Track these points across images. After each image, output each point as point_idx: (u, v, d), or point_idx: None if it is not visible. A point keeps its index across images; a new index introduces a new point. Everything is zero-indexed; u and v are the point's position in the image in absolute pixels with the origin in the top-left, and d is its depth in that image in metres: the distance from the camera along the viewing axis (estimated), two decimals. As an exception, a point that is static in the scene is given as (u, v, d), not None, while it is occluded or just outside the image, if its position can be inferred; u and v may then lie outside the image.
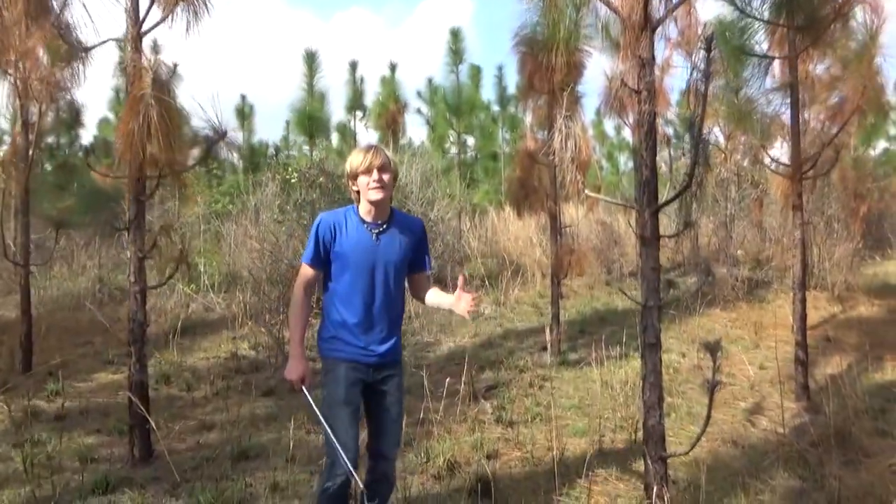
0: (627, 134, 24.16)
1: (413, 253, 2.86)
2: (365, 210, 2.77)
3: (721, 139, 10.18)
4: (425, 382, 4.68)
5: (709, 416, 2.81)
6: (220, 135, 4.27)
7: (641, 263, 3.02)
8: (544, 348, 6.83)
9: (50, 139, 13.71)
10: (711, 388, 2.73)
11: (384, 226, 2.79)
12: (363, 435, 2.89)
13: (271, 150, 19.26)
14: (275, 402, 5.22)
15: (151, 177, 3.85)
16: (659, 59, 10.70)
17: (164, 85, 3.64)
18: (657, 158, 3.01)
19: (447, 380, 5.67)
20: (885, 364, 6.10)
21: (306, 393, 2.77)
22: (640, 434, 4.42)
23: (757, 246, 12.82)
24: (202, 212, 9.03)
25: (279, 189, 9.04)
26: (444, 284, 8.58)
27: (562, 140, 3.12)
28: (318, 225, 2.77)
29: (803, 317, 5.06)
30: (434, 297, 2.94)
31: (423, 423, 4.55)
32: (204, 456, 4.06)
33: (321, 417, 2.72)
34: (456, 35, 12.39)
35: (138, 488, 3.58)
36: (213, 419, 4.73)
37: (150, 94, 3.51)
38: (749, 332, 7.51)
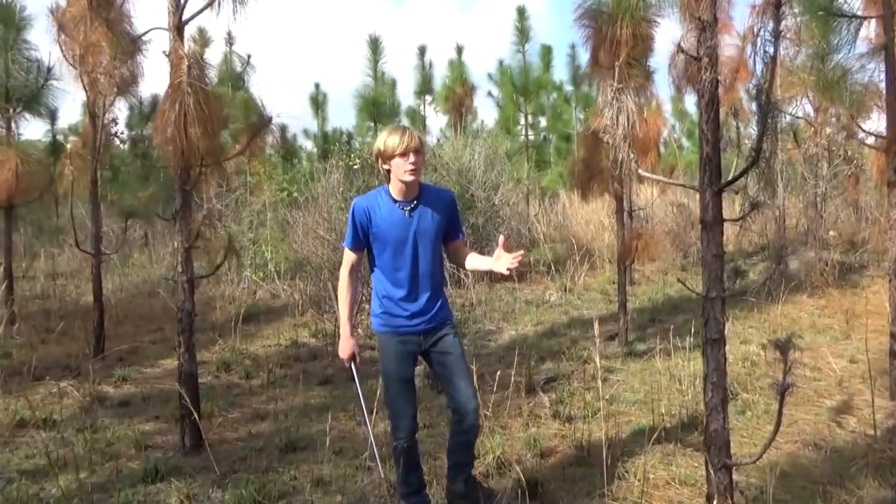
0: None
1: (447, 223, 2.99)
2: (397, 189, 2.88)
3: (811, 111, 9.44)
4: (481, 373, 4.49)
5: (778, 423, 2.50)
6: (266, 121, 4.21)
7: (703, 250, 2.71)
8: (611, 338, 6.51)
9: (132, 131, 14.36)
10: (782, 391, 2.42)
11: (415, 202, 2.90)
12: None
13: (344, 138, 19.51)
14: (329, 391, 5.18)
15: (195, 166, 3.81)
16: (741, 28, 10.05)
17: (202, 73, 3.57)
18: (741, 137, 2.69)
19: (505, 371, 5.49)
20: None
21: (353, 370, 3.03)
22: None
23: (851, 227, 11.89)
24: (269, 200, 9.15)
25: (343, 176, 9.03)
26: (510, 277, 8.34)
27: (613, 115, 2.84)
28: (353, 210, 2.91)
29: (899, 306, 4.54)
30: (473, 260, 3.08)
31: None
32: (253, 446, 4.04)
33: (358, 389, 3.07)
34: (522, 13, 12.01)
35: (186, 478, 3.59)
36: (266, 408, 4.73)
37: (186, 82, 3.45)
38: (839, 321, 6.90)
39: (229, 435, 4.28)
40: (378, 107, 11.92)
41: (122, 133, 13.38)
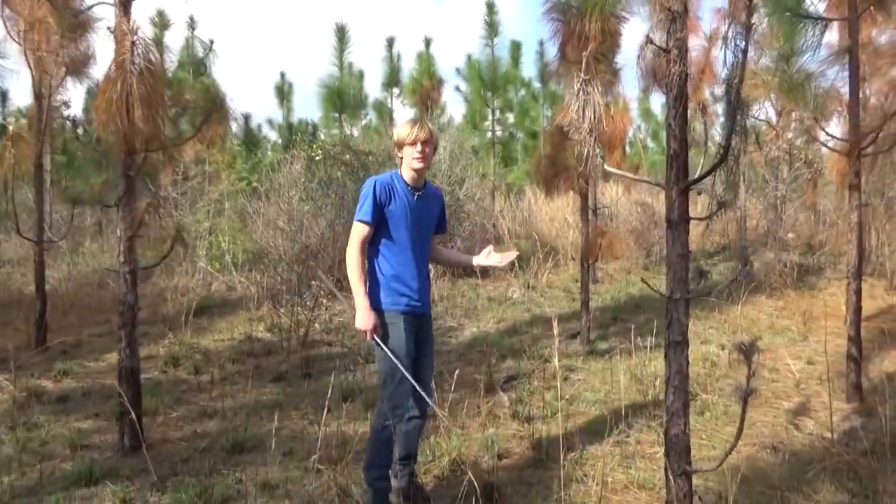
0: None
1: (438, 216, 3.29)
2: (409, 175, 3.10)
3: (773, 115, 9.53)
4: (440, 371, 4.38)
5: (741, 430, 2.42)
6: (217, 106, 4.01)
7: (667, 249, 2.62)
8: (572, 336, 6.46)
9: (89, 115, 13.82)
10: (745, 396, 2.34)
11: (421, 190, 3.14)
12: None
13: (310, 129, 19.18)
14: (282, 388, 5.00)
15: (139, 151, 3.59)
16: (707, 29, 10.05)
17: (148, 51, 3.35)
18: (708, 137, 2.61)
19: (465, 369, 5.38)
20: (950, 362, 5.53)
21: (378, 341, 2.95)
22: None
23: (809, 229, 12.08)
24: (228, 189, 8.86)
25: (304, 167, 8.81)
26: (473, 272, 8.24)
27: (580, 109, 2.73)
28: (374, 185, 3.01)
29: (858, 309, 4.55)
30: (450, 254, 3.51)
31: (433, 417, 4.25)
32: (197, 447, 3.84)
33: (395, 361, 2.92)
34: (491, 7, 11.88)
35: (122, 481, 3.38)
36: (214, 406, 4.52)
37: (130, 60, 3.23)
38: (797, 322, 6.96)
39: (173, 434, 4.07)
40: (343, 97, 11.68)
41: (75, 117, 12.87)
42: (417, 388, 2.94)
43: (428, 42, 13.51)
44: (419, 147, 3.03)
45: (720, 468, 3.58)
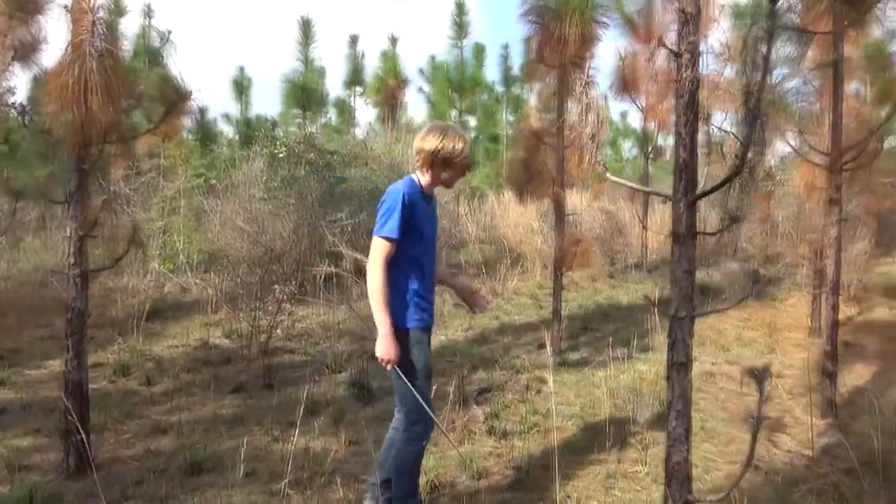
0: (633, 120, 23.50)
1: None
2: (429, 184, 2.92)
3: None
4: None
5: (750, 459, 2.29)
6: (184, 96, 3.71)
7: (673, 265, 2.47)
8: (543, 345, 6.31)
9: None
10: (756, 424, 2.20)
11: (431, 199, 3.00)
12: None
13: (269, 125, 18.71)
14: (243, 400, 4.70)
15: (96, 142, 3.27)
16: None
17: (108, 33, 3.05)
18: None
19: (435, 380, 5.17)
20: (915, 377, 5.59)
21: (400, 372, 2.79)
22: (648, 451, 3.93)
23: (765, 240, 12.30)
24: (184, 185, 8.45)
25: (266, 165, 8.47)
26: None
27: (581, 112, 2.55)
28: (403, 198, 2.77)
29: (835, 323, 4.53)
30: (440, 272, 3.23)
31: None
32: (151, 467, 3.53)
33: (412, 388, 2.80)
34: (461, 7, 11.72)
35: (67, 507, 3.06)
36: (169, 420, 4.20)
37: (89, 42, 2.93)
38: (763, 334, 7.00)
39: (123, 453, 3.74)
40: (308, 94, 11.33)
41: (22, 104, 12.16)
42: (429, 411, 2.86)
43: (394, 40, 13.30)
44: (464, 172, 2.97)
45: (707, 488, 3.50)
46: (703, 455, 4.00)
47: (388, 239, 2.75)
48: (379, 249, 2.75)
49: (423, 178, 2.91)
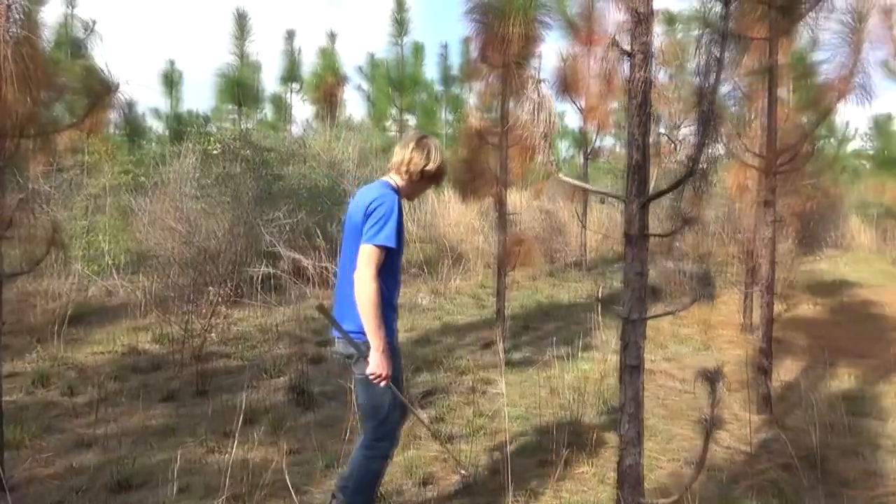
0: (570, 121, 23.92)
1: None
2: (405, 193, 2.86)
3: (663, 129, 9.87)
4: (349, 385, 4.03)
5: (703, 462, 2.29)
6: (110, 88, 3.47)
7: (625, 267, 2.45)
8: (486, 346, 6.29)
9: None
10: (708, 427, 2.20)
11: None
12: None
13: (201, 121, 18.11)
14: (174, 409, 4.45)
15: (12, 136, 3.01)
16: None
17: (26, 20, 2.80)
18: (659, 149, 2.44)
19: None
20: (840, 371, 5.83)
21: (393, 388, 2.71)
22: (595, 451, 3.94)
23: (696, 239, 12.69)
24: (109, 183, 8.00)
25: (199, 162, 8.12)
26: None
27: (533, 110, 2.50)
28: (397, 205, 2.68)
29: (770, 320, 4.66)
30: None
31: (348, 441, 3.91)
32: (74, 486, 3.28)
33: (400, 396, 2.77)
34: (401, 4, 11.58)
35: (-23, 534, 2.80)
36: (93, 434, 3.92)
37: (4, 28, 2.67)
38: (698, 331, 7.17)
39: (42, 471, 3.46)
40: (243, 89, 10.96)
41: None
42: (417, 414, 2.97)
43: (332, 37, 13.05)
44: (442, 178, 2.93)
45: (652, 488, 3.51)
46: (646, 453, 4.01)
47: (383, 248, 2.60)
48: (373, 258, 2.57)
49: (400, 184, 2.83)
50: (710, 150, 2.22)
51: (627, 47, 2.41)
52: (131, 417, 4.26)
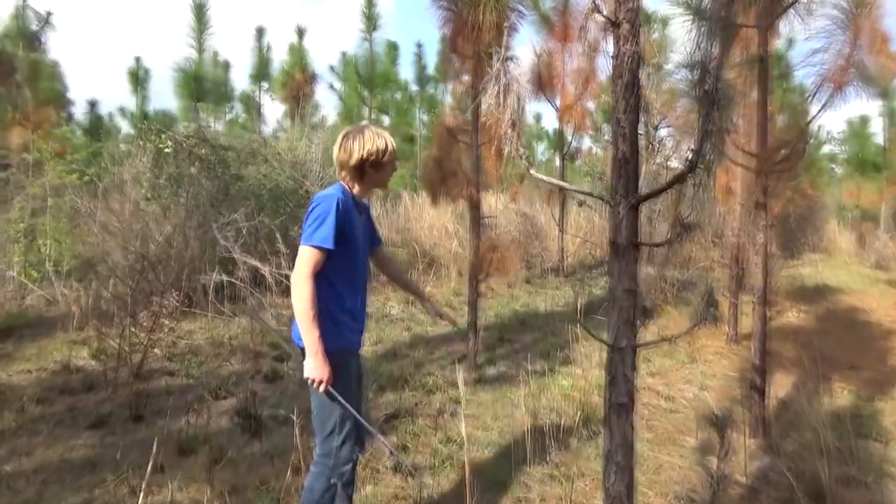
0: (546, 122, 23.65)
1: (371, 229, 2.89)
2: (360, 192, 2.70)
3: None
4: (305, 407, 3.54)
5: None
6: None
7: (611, 282, 2.01)
8: (458, 360, 5.83)
9: None
10: (717, 484, 1.77)
11: (362, 206, 2.75)
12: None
13: (167, 119, 17.49)
14: (101, 438, 3.93)
15: None
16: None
17: None
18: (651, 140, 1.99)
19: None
20: (833, 385, 5.48)
21: (335, 392, 2.51)
22: (576, 487, 3.50)
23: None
24: (52, 183, 7.40)
25: (152, 161, 7.57)
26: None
27: (500, 93, 2.06)
28: (337, 205, 2.51)
29: (763, 336, 4.27)
30: (404, 277, 3.19)
31: (297, 471, 3.43)
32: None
33: (347, 406, 2.54)
34: (370, 0, 11.10)
35: None
36: (1, 469, 3.40)
37: None
38: (682, 342, 6.78)
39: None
40: (201, 83, 10.39)
41: None
42: (379, 438, 2.71)
43: (301, 32, 12.53)
44: (395, 164, 2.75)
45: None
46: (643, 492, 3.60)
47: (319, 248, 2.47)
48: (307, 259, 2.47)
49: (350, 183, 2.68)
50: (715, 140, 1.79)
51: (611, 15, 1.98)
52: (48, 449, 3.73)
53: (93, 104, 18.56)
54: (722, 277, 10.09)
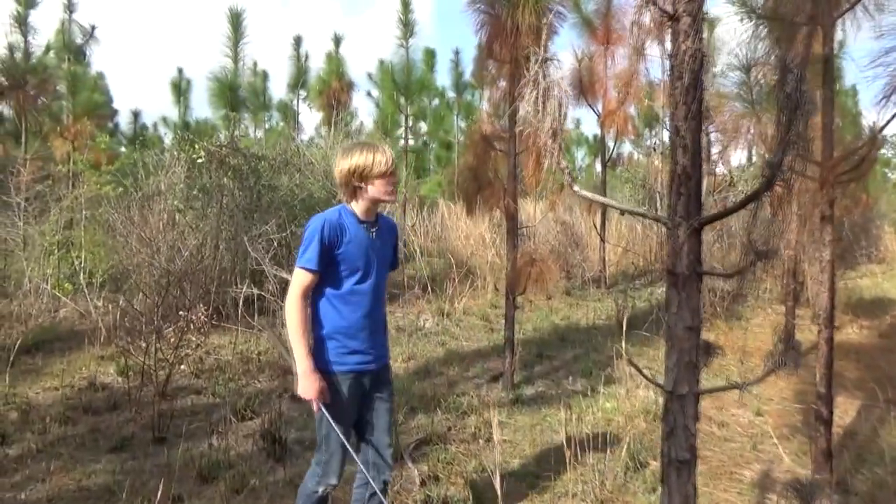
0: (586, 128, 23.27)
1: (393, 250, 2.85)
2: (363, 209, 2.67)
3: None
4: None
5: None
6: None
7: (669, 318, 1.72)
8: (494, 378, 5.56)
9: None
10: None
11: (376, 224, 2.72)
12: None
13: (210, 129, 17.74)
14: (121, 462, 3.77)
15: None
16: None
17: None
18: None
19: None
20: (904, 411, 5.02)
21: (325, 412, 2.54)
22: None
23: (722, 252, 11.87)
24: (87, 195, 7.39)
25: (187, 171, 7.50)
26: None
27: (538, 98, 1.80)
28: (322, 226, 2.56)
29: (829, 362, 3.88)
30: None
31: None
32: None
33: (333, 426, 2.55)
34: (406, 6, 10.94)
35: None
36: (14, 498, 3.26)
37: None
38: (734, 360, 6.38)
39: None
40: (236, 92, 10.36)
41: None
42: (357, 459, 2.67)
43: (338, 40, 12.45)
44: (394, 178, 2.66)
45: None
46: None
47: (305, 269, 2.54)
48: (297, 280, 2.56)
49: (351, 202, 2.68)
50: (797, 150, 1.50)
51: (669, 7, 1.70)
52: (67, 474, 3.58)
53: (136, 114, 18.91)
54: (773, 289, 9.59)
